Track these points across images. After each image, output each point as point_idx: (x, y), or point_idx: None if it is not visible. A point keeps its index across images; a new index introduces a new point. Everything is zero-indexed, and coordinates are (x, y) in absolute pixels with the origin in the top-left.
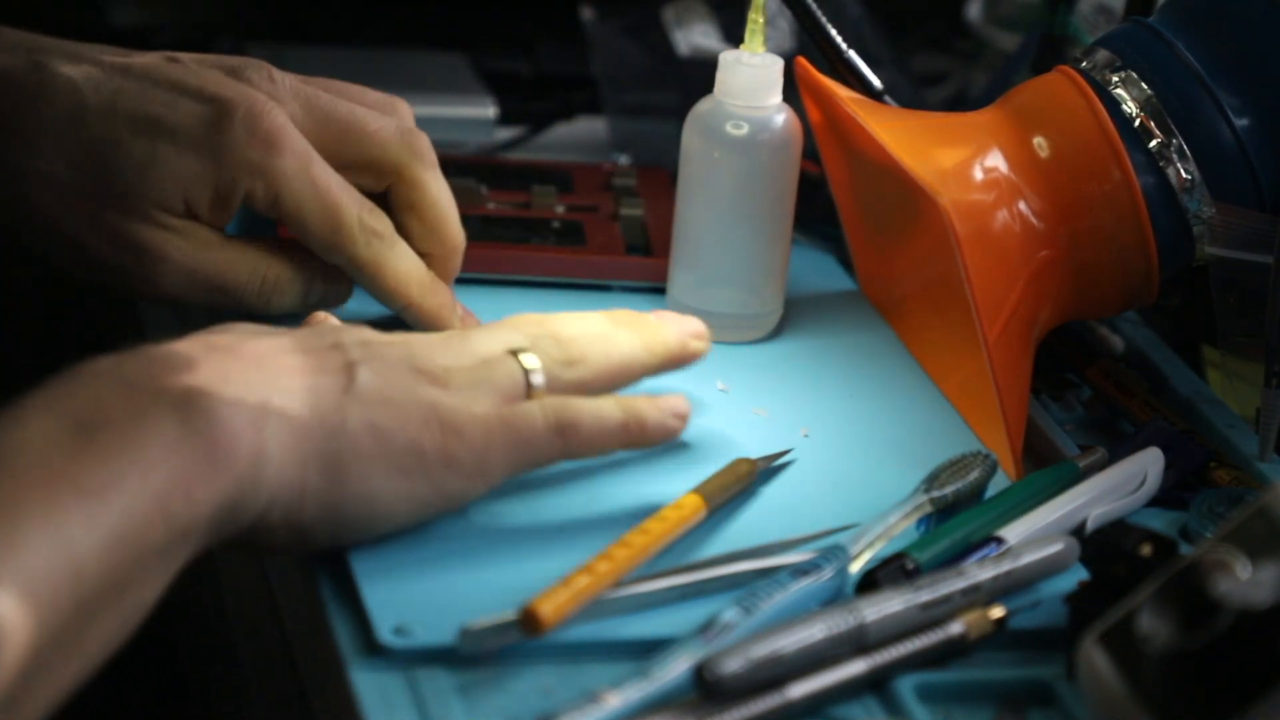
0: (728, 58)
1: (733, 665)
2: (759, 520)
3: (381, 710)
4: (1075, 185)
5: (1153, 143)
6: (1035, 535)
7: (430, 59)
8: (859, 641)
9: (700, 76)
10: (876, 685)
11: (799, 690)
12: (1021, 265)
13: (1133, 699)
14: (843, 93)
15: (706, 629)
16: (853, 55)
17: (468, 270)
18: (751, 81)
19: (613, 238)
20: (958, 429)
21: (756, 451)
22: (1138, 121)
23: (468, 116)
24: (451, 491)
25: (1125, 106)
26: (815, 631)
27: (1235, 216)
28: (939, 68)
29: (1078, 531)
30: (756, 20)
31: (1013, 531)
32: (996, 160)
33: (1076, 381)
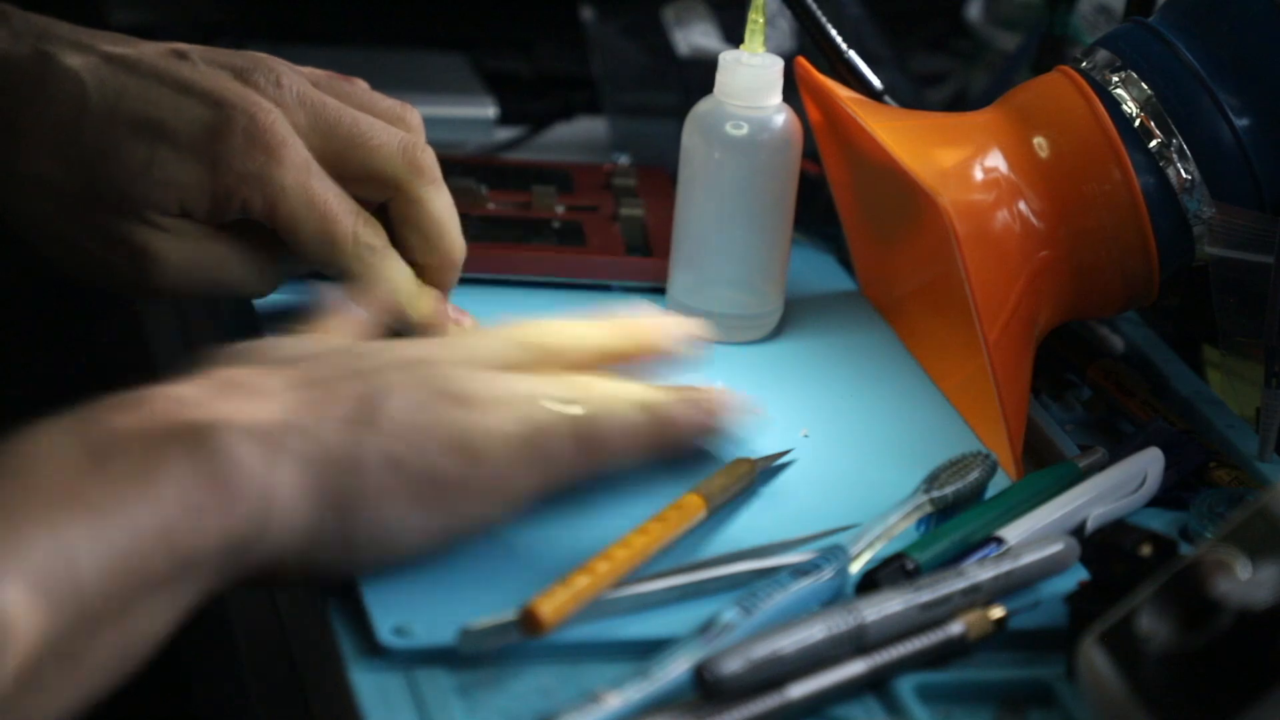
0: (728, 58)
1: (733, 665)
2: (759, 520)
3: (381, 710)
4: (1075, 185)
5: (1153, 143)
6: (1035, 535)
7: (430, 59)
8: (859, 641)
9: (700, 76)
10: (876, 685)
11: (799, 690)
12: (1021, 265)
13: (1133, 699)
14: (843, 93)
15: (706, 629)
16: (853, 55)
17: (468, 270)
18: (751, 81)
19: (613, 238)
20: (958, 429)
21: (756, 451)
22: (1138, 121)
23: (468, 116)
24: (473, 518)
25: (1125, 106)
26: (815, 631)
27: (1235, 216)
28: (939, 68)
29: (1078, 531)
30: (756, 20)
31: (1013, 531)
32: (996, 160)
33: (1076, 381)
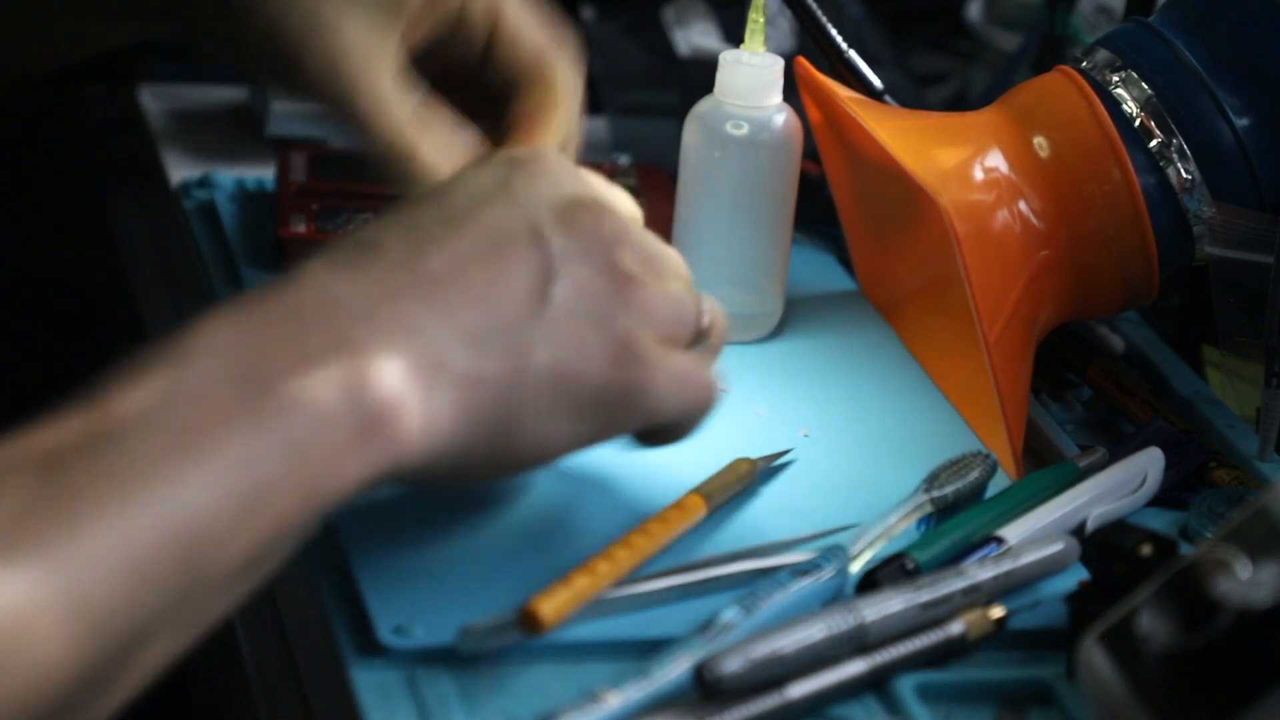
0: (728, 57)
1: (733, 665)
2: (759, 520)
3: (381, 710)
4: (1075, 185)
5: (1153, 143)
6: (1035, 535)
7: (429, 59)
8: (859, 641)
9: (700, 76)
10: (876, 685)
11: (799, 690)
12: (1021, 265)
13: (1133, 699)
14: (843, 93)
15: (706, 629)
16: (853, 55)
17: None
18: (751, 81)
19: None
20: (958, 429)
21: (756, 451)
22: (1138, 121)
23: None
24: (623, 430)
25: (1125, 106)
26: (815, 631)
27: (1235, 216)
28: (939, 68)
29: (1078, 531)
30: (757, 20)
31: (1013, 531)
32: (996, 160)
33: (1076, 381)
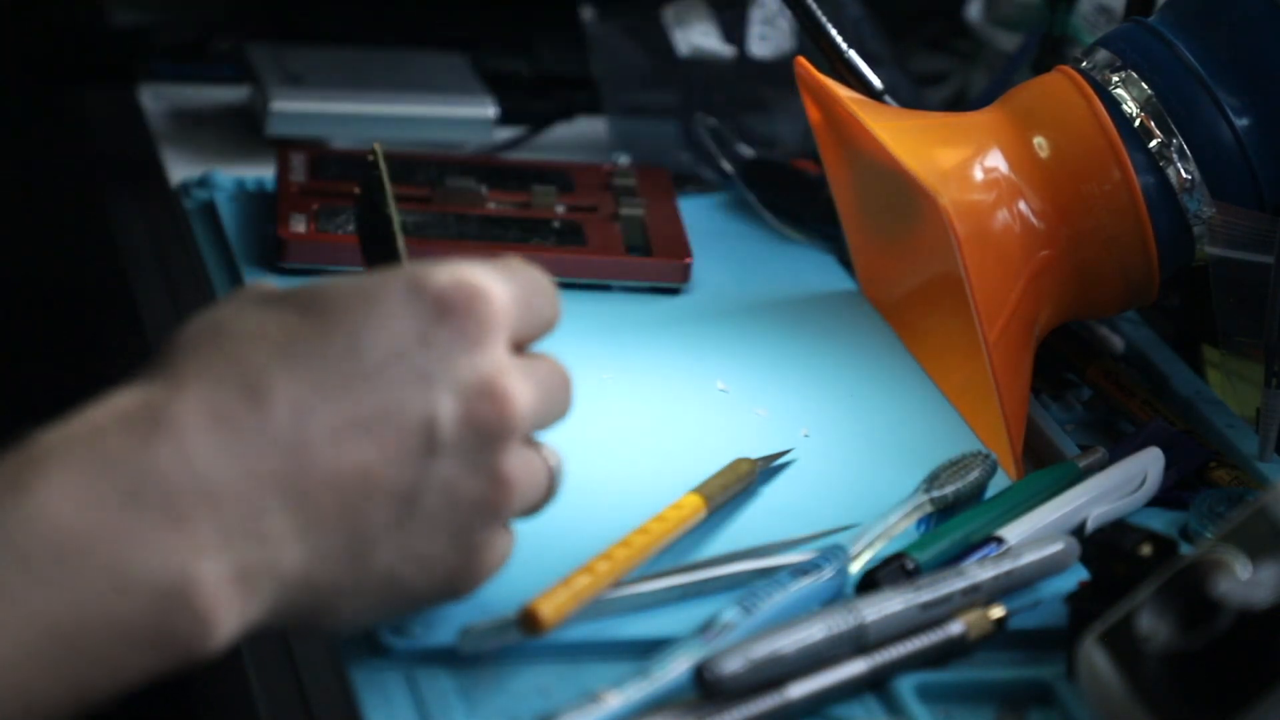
0: None
1: (733, 665)
2: (759, 520)
3: (381, 710)
4: (1075, 185)
5: (1153, 143)
6: (1035, 535)
7: (430, 59)
8: (859, 641)
9: (700, 76)
10: (876, 685)
11: (799, 690)
12: (1021, 265)
13: (1133, 699)
14: (843, 93)
15: (706, 629)
16: (853, 55)
17: None
18: None
19: (613, 238)
20: (958, 429)
21: (756, 451)
22: (1138, 121)
23: (468, 116)
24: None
25: (1125, 106)
26: (815, 631)
27: (1235, 216)
28: (939, 68)
29: (1078, 531)
30: None
31: (1013, 531)
32: (996, 160)
33: (1076, 381)
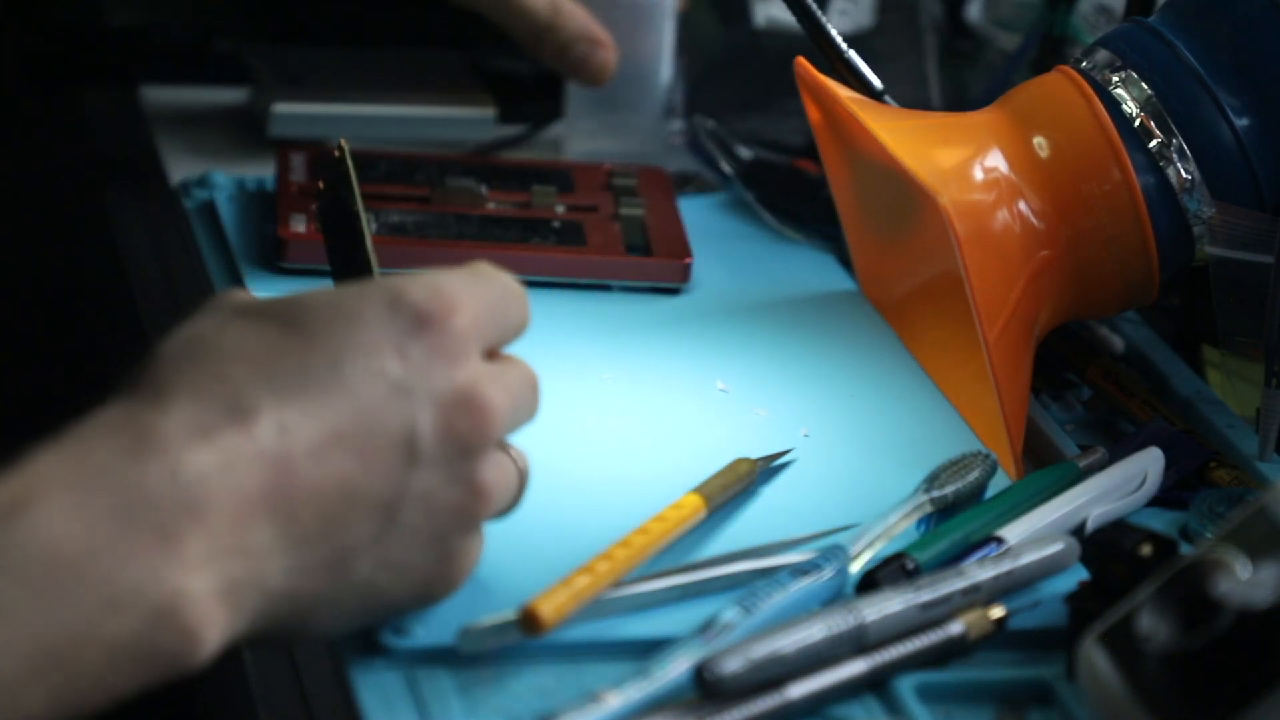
0: None
1: (733, 665)
2: (759, 520)
3: (381, 710)
4: (1075, 185)
5: (1153, 143)
6: (1035, 535)
7: (430, 59)
8: (859, 641)
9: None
10: (876, 685)
11: (799, 690)
12: (1021, 265)
13: (1133, 699)
14: (843, 93)
15: (706, 629)
16: (853, 55)
17: None
18: None
19: (613, 238)
20: (958, 429)
21: (756, 451)
22: (1138, 121)
23: (468, 116)
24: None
25: (1125, 106)
26: (815, 631)
27: (1235, 216)
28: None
29: (1078, 531)
30: None
31: (1013, 531)
32: (996, 160)
33: (1076, 381)
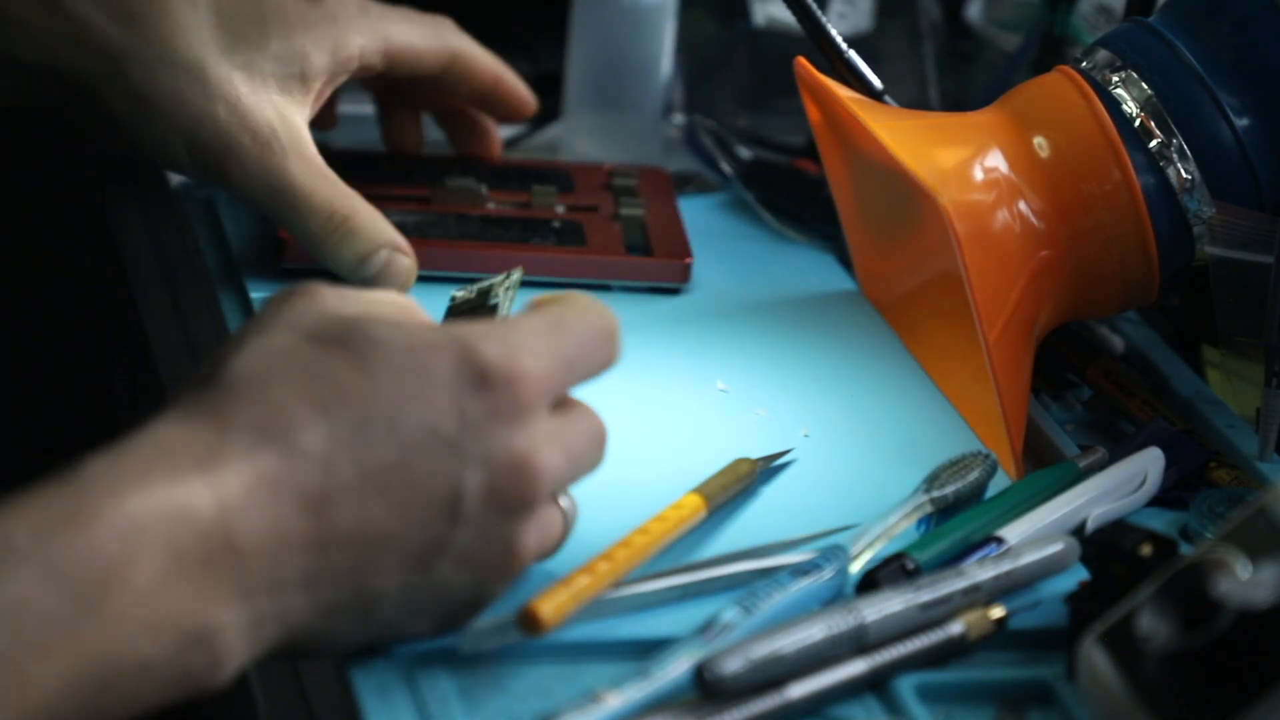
0: None
1: (733, 665)
2: (759, 520)
3: (381, 710)
4: (1075, 185)
5: (1153, 143)
6: (1035, 535)
7: None
8: (859, 641)
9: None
10: (876, 685)
11: (799, 690)
12: (1021, 265)
13: (1133, 699)
14: (843, 93)
15: (706, 629)
16: (853, 55)
17: (468, 270)
18: None
19: (613, 238)
20: (958, 429)
21: (756, 451)
22: (1138, 121)
23: None
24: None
25: (1125, 106)
26: (815, 631)
27: (1235, 216)
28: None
29: (1078, 531)
30: None
31: (1013, 531)
32: (996, 160)
33: (1076, 381)
